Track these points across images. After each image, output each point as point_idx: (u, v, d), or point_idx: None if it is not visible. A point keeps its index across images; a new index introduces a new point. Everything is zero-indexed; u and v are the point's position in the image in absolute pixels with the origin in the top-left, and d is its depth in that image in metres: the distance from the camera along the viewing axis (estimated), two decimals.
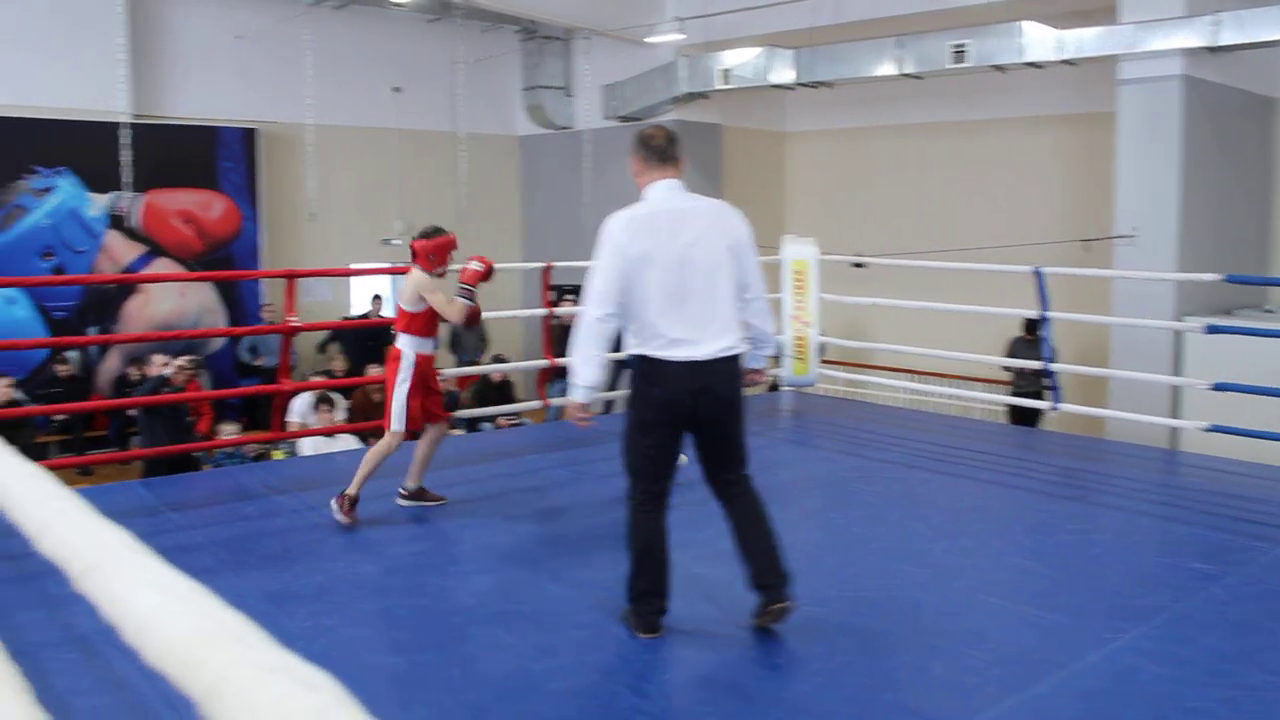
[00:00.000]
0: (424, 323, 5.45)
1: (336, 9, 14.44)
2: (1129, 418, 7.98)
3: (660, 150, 3.96)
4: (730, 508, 3.96)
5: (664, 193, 3.92)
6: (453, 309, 5.37)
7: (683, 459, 4.08)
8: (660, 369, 3.75)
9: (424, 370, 5.47)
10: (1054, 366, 7.80)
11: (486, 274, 5.55)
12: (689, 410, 3.79)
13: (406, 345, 5.44)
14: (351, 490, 5.36)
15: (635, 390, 3.86)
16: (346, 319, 13.88)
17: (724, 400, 3.84)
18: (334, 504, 5.37)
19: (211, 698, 0.97)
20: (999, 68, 11.19)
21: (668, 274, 3.73)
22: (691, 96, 13.98)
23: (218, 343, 13.84)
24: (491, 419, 11.01)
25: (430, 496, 5.76)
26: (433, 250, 5.45)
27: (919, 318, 11.61)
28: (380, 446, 5.42)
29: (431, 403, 5.58)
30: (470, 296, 5.43)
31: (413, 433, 5.54)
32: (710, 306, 3.78)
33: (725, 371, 3.82)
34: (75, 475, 10.67)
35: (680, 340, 3.73)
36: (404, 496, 5.74)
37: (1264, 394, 6.99)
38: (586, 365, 3.80)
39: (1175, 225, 9.98)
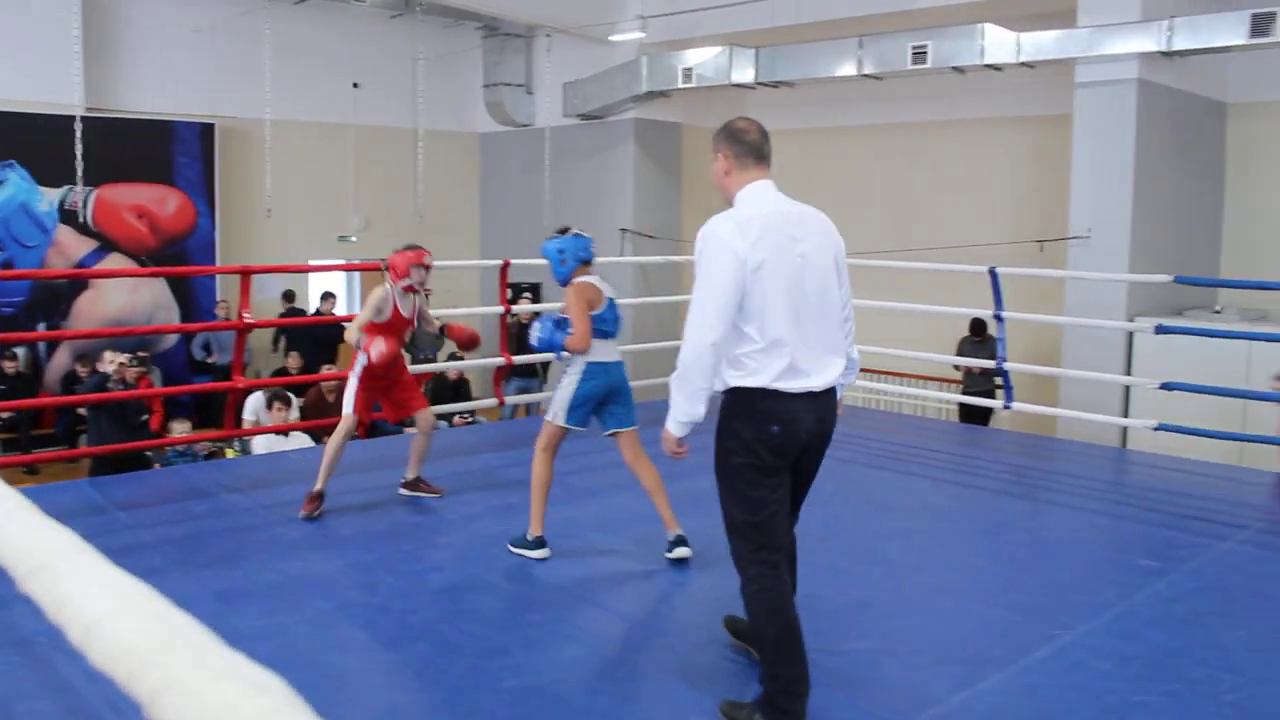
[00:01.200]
0: (378, 329, 5.50)
1: (296, 3, 14.33)
2: (1080, 416, 8.09)
3: (757, 147, 3.37)
4: None
5: (766, 195, 3.34)
6: (351, 333, 5.46)
7: None
8: (780, 403, 3.21)
9: (379, 366, 5.50)
10: (1006, 366, 7.89)
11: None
12: (802, 452, 3.33)
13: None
14: (317, 486, 5.45)
15: (744, 432, 3.23)
16: (286, 315, 13.68)
17: (828, 439, 3.42)
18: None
19: (158, 701, 0.97)
20: (959, 69, 11.29)
21: (786, 289, 3.19)
22: (652, 95, 13.99)
23: (171, 340, 13.70)
24: (447, 417, 10.96)
25: (425, 487, 5.88)
26: (397, 263, 5.57)
27: (875, 317, 11.68)
28: (334, 434, 5.52)
29: (404, 394, 5.75)
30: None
31: (370, 424, 5.76)
32: (823, 328, 3.29)
33: (833, 405, 3.39)
34: (21, 474, 10.52)
35: (799, 369, 3.22)
36: (403, 485, 5.90)
37: (1211, 393, 7.13)
38: (695, 402, 3.21)
39: (1128, 227, 10.12)
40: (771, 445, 3.22)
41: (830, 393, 3.35)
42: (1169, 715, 3.39)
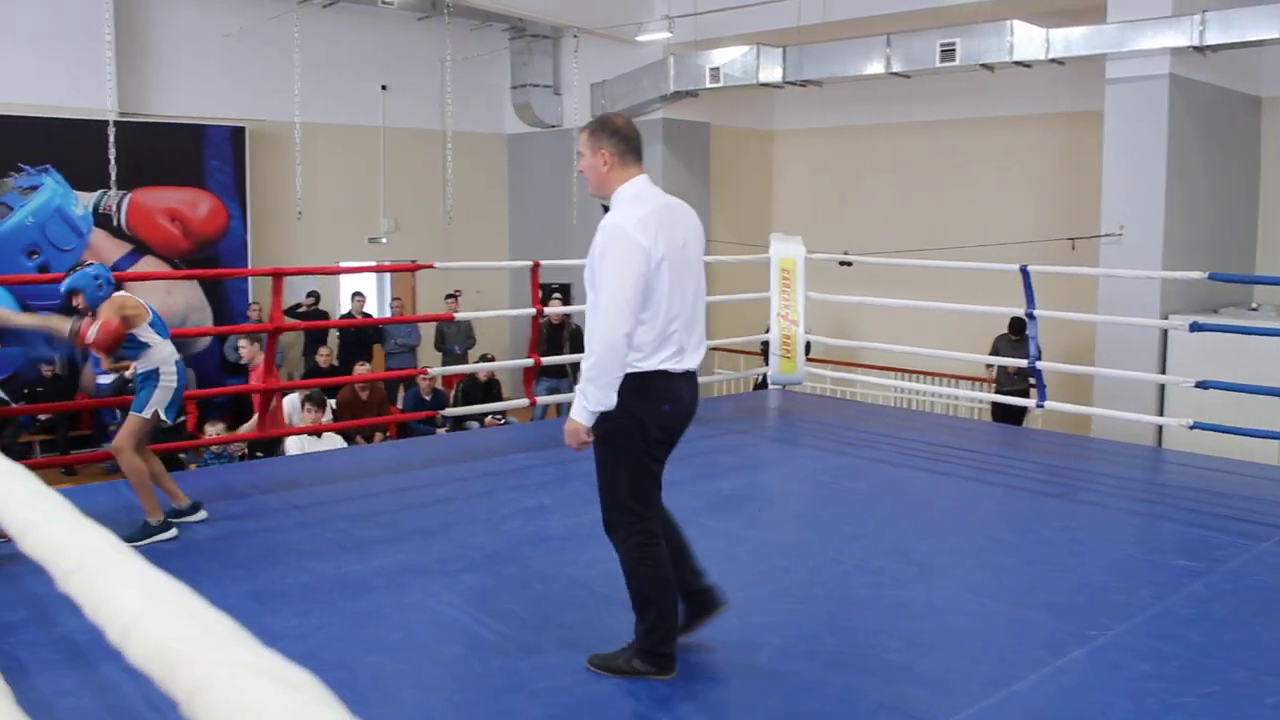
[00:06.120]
0: None
1: (325, 7, 14.41)
2: (1114, 415, 8.01)
3: (638, 144, 3.60)
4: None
5: (649, 189, 3.58)
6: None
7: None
8: (671, 383, 3.48)
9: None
10: (1039, 365, 7.82)
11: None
12: (683, 427, 3.60)
13: None
14: None
15: (641, 410, 3.45)
16: (308, 315, 13.67)
17: (693, 415, 3.67)
18: None
19: (194, 699, 0.98)
20: (987, 66, 11.22)
21: (675, 278, 3.43)
22: (679, 95, 13.98)
23: (204, 342, 13.79)
24: (478, 418, 11.00)
25: None
26: None
27: (906, 316, 11.65)
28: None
29: None
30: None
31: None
32: (695, 312, 3.57)
33: (697, 384, 3.67)
34: (59, 475, 10.65)
35: (682, 351, 3.49)
36: None
37: (1247, 391, 7.03)
38: (609, 391, 3.36)
39: (1161, 223, 10.01)
40: (662, 423, 3.50)
41: (695, 373, 3.63)
42: (1210, 717, 3.34)
